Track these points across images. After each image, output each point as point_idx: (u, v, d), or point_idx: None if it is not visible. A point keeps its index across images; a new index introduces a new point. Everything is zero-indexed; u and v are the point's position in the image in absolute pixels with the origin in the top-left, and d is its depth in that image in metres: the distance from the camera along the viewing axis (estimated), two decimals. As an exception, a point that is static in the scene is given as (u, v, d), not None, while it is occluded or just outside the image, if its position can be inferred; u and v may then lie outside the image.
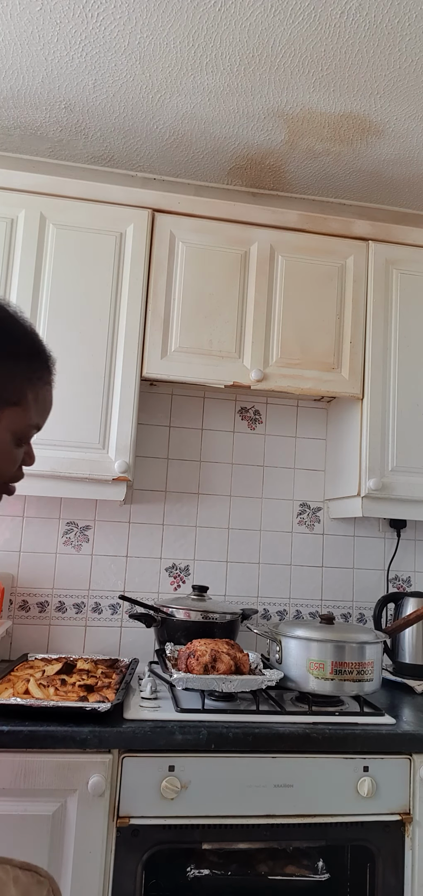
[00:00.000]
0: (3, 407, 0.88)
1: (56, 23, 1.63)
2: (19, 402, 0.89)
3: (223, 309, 1.94)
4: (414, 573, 2.32)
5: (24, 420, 0.90)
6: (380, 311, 2.02)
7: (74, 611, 2.10)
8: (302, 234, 2.01)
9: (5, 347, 0.88)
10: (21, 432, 0.91)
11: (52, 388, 0.96)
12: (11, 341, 0.89)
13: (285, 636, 1.69)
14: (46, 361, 0.95)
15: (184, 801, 1.42)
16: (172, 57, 1.72)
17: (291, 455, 2.30)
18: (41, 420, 0.94)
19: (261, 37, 1.64)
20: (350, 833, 1.50)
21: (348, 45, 1.65)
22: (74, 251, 1.88)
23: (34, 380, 0.92)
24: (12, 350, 0.89)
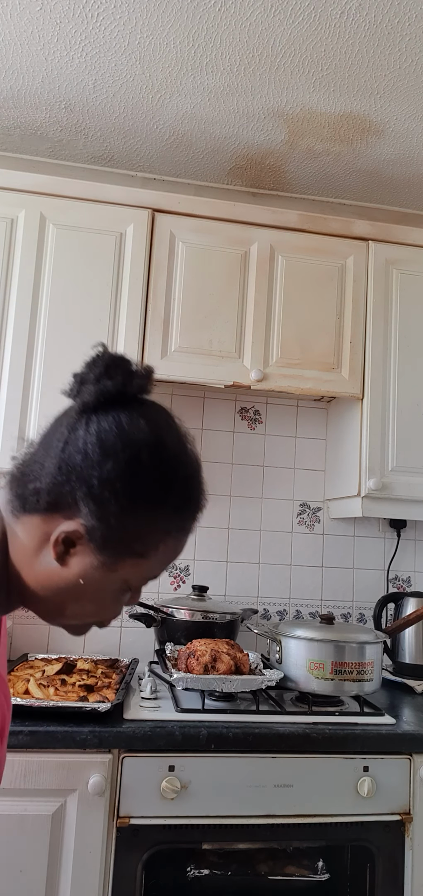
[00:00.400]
0: (127, 557, 0.76)
1: (56, 23, 1.63)
2: (146, 555, 0.77)
3: (223, 309, 1.94)
4: (414, 573, 2.32)
5: (143, 572, 0.79)
6: (380, 311, 2.02)
7: (74, 611, 2.10)
8: (302, 234, 2.01)
9: (155, 495, 0.75)
10: (136, 583, 0.80)
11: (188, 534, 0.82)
12: (165, 488, 0.76)
13: (285, 636, 1.69)
14: (196, 510, 0.80)
15: (184, 801, 1.42)
16: (172, 57, 1.72)
17: (291, 455, 2.30)
18: (163, 569, 0.81)
19: (261, 37, 1.64)
20: (350, 833, 1.50)
21: (348, 45, 1.65)
22: (74, 251, 1.88)
23: (173, 531, 0.78)
24: (162, 499, 0.76)
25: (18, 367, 1.81)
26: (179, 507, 0.78)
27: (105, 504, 0.72)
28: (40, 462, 0.76)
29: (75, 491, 0.73)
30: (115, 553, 0.75)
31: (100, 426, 0.74)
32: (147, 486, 0.74)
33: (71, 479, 0.73)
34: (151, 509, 0.75)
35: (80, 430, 0.75)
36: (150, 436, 0.76)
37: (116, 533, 0.73)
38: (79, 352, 2.02)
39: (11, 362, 1.81)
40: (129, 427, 0.75)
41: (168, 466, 0.76)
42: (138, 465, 0.74)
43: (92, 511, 0.72)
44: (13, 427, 1.79)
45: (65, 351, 1.84)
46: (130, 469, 0.73)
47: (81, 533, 0.73)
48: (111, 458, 0.72)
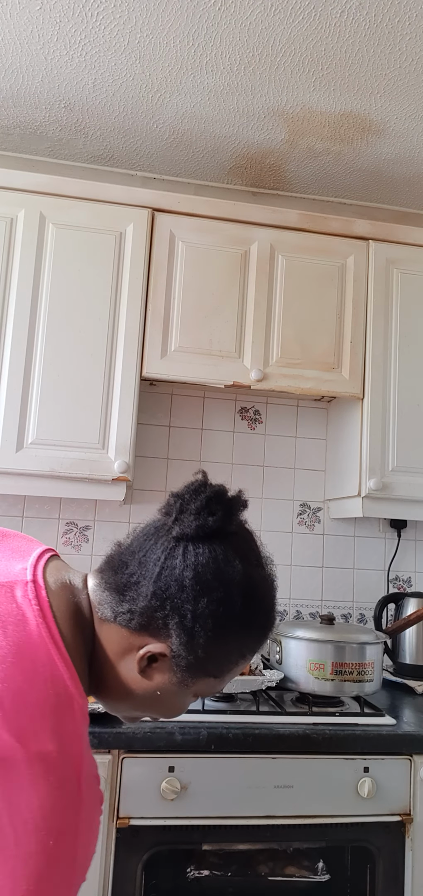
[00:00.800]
0: (203, 677, 0.82)
1: (56, 22, 1.63)
2: (219, 676, 0.84)
3: (223, 309, 1.94)
4: (415, 573, 2.32)
5: (213, 688, 0.86)
6: (380, 311, 2.01)
7: (74, 611, 2.10)
8: (302, 234, 2.01)
9: (240, 631, 0.81)
10: (205, 695, 0.88)
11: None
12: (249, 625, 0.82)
13: (285, 636, 1.68)
14: (267, 635, 0.86)
15: (184, 802, 1.42)
16: (172, 57, 1.72)
17: (291, 455, 2.30)
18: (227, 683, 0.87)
19: (261, 37, 1.63)
20: (350, 834, 1.50)
21: (348, 45, 1.64)
22: (73, 251, 1.88)
23: (247, 654, 0.84)
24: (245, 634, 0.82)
25: (18, 366, 1.81)
26: (257, 637, 0.84)
27: (195, 636, 0.78)
28: (136, 582, 0.80)
29: (168, 618, 0.78)
30: (194, 675, 0.81)
31: (197, 559, 0.79)
32: (234, 623, 0.80)
33: (165, 606, 0.78)
34: (234, 641, 0.81)
35: (177, 559, 0.79)
36: (243, 575, 0.80)
37: (199, 660, 0.79)
38: (78, 351, 2.02)
39: (11, 362, 1.81)
40: (224, 565, 0.80)
41: (255, 605, 0.82)
42: (230, 604, 0.79)
43: (182, 641, 0.78)
44: (12, 427, 1.78)
45: (65, 351, 1.83)
46: (222, 608, 0.78)
47: (166, 654, 0.79)
48: (206, 595, 0.77)
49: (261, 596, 0.83)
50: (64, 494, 1.83)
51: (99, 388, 1.84)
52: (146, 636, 0.80)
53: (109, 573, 0.84)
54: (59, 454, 1.80)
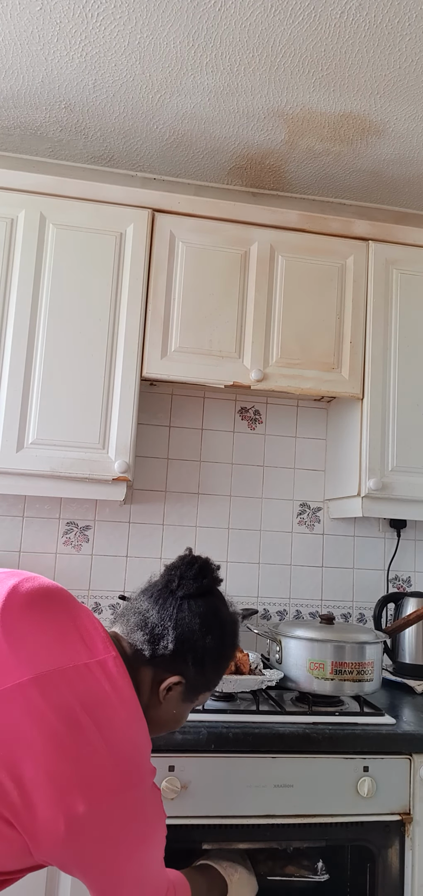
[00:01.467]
0: (204, 692, 1.16)
1: (56, 23, 1.63)
2: (212, 688, 1.18)
3: (223, 309, 1.94)
4: (414, 573, 2.32)
5: (206, 698, 1.19)
6: (380, 311, 2.02)
7: (74, 611, 2.10)
8: (302, 234, 2.01)
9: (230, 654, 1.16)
10: (201, 702, 1.19)
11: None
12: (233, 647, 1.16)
13: (285, 636, 1.69)
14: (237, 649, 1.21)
15: (184, 802, 1.42)
16: (172, 57, 1.72)
17: (291, 455, 2.30)
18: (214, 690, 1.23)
19: (261, 37, 1.64)
20: (350, 833, 1.50)
21: (348, 45, 1.65)
22: (74, 251, 1.88)
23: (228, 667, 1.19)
24: (231, 655, 1.17)
25: (19, 367, 1.81)
26: (232, 657, 1.20)
27: (205, 664, 1.10)
28: (161, 635, 1.08)
29: (187, 655, 1.08)
30: (199, 692, 1.14)
31: (200, 610, 1.10)
32: (228, 650, 1.15)
33: (185, 647, 1.08)
34: (224, 663, 1.16)
35: (185, 612, 1.09)
36: (229, 616, 1.16)
37: (204, 682, 1.13)
38: (79, 351, 2.02)
39: (12, 362, 1.81)
40: (218, 611, 1.13)
41: (234, 635, 1.17)
42: (224, 638, 1.13)
43: (197, 670, 1.09)
44: (13, 427, 1.79)
45: (65, 351, 1.83)
46: (221, 641, 1.12)
47: (182, 682, 1.09)
48: (210, 633, 1.09)
49: (237, 630, 1.18)
50: (64, 494, 1.84)
51: (99, 389, 1.85)
52: (166, 672, 1.08)
53: (135, 630, 1.10)
54: (59, 454, 1.80)
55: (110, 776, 0.90)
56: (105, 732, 0.91)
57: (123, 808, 0.90)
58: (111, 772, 0.90)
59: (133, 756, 0.94)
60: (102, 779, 0.89)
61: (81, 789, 0.86)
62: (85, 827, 0.86)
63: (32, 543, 2.10)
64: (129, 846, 0.91)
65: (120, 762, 0.91)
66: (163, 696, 1.08)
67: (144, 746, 0.98)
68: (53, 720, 0.88)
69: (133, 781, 0.92)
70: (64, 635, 1.00)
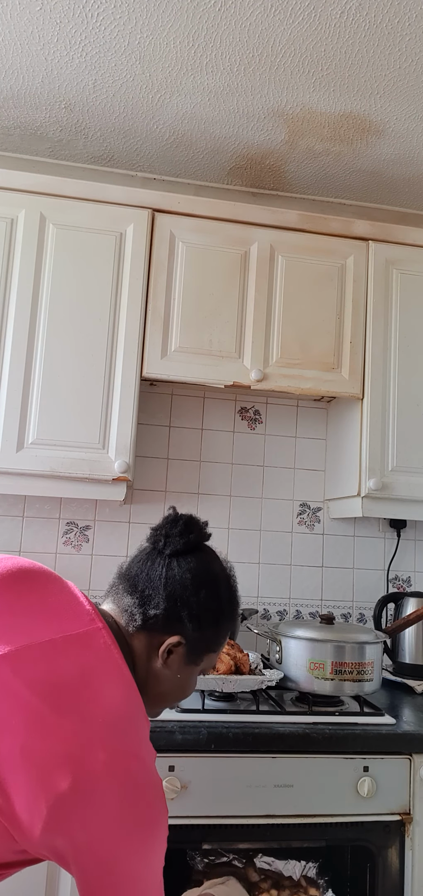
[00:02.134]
0: (207, 653, 1.08)
1: (56, 23, 1.63)
2: (216, 650, 1.10)
3: (223, 309, 1.94)
4: (414, 573, 2.32)
5: (212, 661, 1.11)
6: (380, 311, 2.02)
7: (74, 611, 2.10)
8: (302, 234, 2.01)
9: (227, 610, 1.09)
10: (206, 669, 1.12)
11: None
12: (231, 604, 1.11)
13: (285, 636, 1.69)
14: (238, 617, 1.16)
15: (184, 802, 1.42)
16: (172, 57, 1.72)
17: (291, 455, 2.30)
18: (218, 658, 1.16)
19: (261, 37, 1.64)
20: (350, 833, 1.50)
21: (348, 45, 1.65)
22: (73, 251, 1.88)
23: (229, 632, 1.12)
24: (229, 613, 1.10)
25: (19, 367, 1.81)
26: (234, 617, 1.12)
27: (201, 621, 1.04)
28: (150, 595, 1.03)
29: (181, 612, 1.02)
30: (201, 653, 1.07)
31: (189, 566, 1.05)
32: (226, 606, 1.08)
33: (177, 604, 1.02)
34: (224, 620, 1.08)
35: (174, 570, 1.05)
36: (222, 569, 1.11)
37: (204, 640, 1.05)
38: (79, 351, 2.02)
39: (12, 362, 1.81)
40: (209, 566, 1.09)
41: (232, 591, 1.11)
42: (219, 592, 1.07)
43: (195, 628, 1.03)
44: (13, 427, 1.79)
45: (65, 351, 1.83)
46: (215, 596, 1.06)
47: (182, 642, 1.02)
48: (203, 588, 1.04)
49: (235, 585, 1.12)
50: (64, 494, 1.84)
51: (99, 389, 1.85)
52: (162, 635, 1.02)
53: (124, 595, 1.06)
54: (59, 454, 1.80)
55: (97, 749, 0.82)
56: (90, 705, 0.85)
57: (113, 782, 0.82)
58: (98, 745, 0.83)
59: (123, 728, 0.87)
60: (88, 753, 0.82)
61: (63, 765, 0.80)
62: (70, 806, 0.79)
63: (32, 543, 2.10)
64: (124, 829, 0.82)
65: (107, 735, 0.84)
66: (163, 660, 1.03)
67: (137, 719, 0.90)
68: (28, 696, 0.83)
69: (125, 754, 0.85)
70: (42, 611, 0.95)
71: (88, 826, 0.80)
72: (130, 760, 0.85)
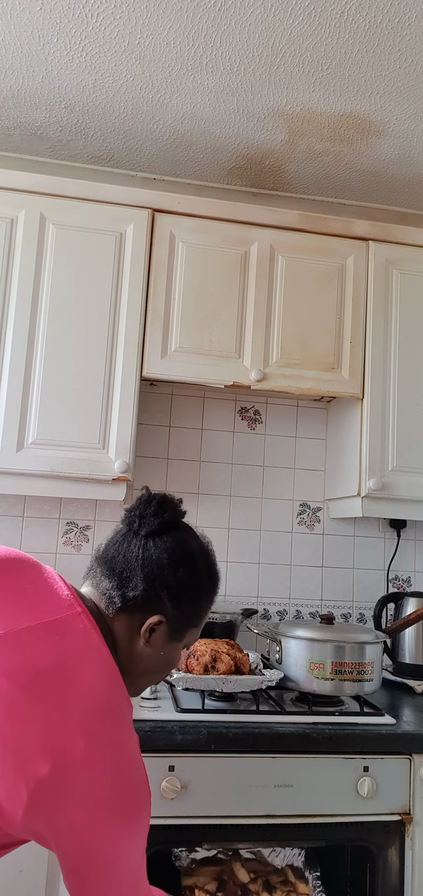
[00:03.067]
0: (188, 629, 1.09)
1: (56, 23, 1.63)
2: (198, 624, 1.12)
3: (223, 309, 1.94)
4: (414, 573, 2.32)
5: (195, 636, 1.13)
6: (380, 311, 2.02)
7: (74, 611, 2.10)
8: (302, 234, 2.01)
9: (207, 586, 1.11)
10: (190, 643, 1.12)
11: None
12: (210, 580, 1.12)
13: (285, 636, 1.69)
14: (218, 590, 1.16)
15: (184, 802, 1.42)
16: (172, 57, 1.72)
17: (291, 455, 2.30)
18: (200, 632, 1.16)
19: (261, 37, 1.64)
20: (350, 833, 1.50)
21: (348, 45, 1.65)
22: (73, 251, 1.88)
23: (210, 606, 1.14)
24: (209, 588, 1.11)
25: (19, 367, 1.81)
26: (214, 591, 1.13)
27: (182, 599, 1.05)
28: (128, 577, 1.04)
29: (161, 592, 1.03)
30: (183, 629, 1.08)
31: (165, 546, 1.06)
32: (205, 582, 1.10)
33: (155, 584, 1.03)
34: (205, 595, 1.10)
35: (151, 550, 1.05)
36: (199, 546, 1.12)
37: (185, 617, 1.07)
38: (79, 351, 2.02)
39: (12, 362, 1.81)
40: (185, 544, 1.09)
41: (211, 567, 1.12)
42: (197, 569, 1.08)
43: (175, 606, 1.04)
44: (13, 427, 1.79)
45: (65, 351, 1.83)
46: (193, 573, 1.07)
47: (163, 621, 1.04)
48: (181, 566, 1.05)
49: (213, 559, 1.13)
50: (64, 494, 1.84)
51: (99, 389, 1.85)
52: (143, 615, 1.03)
53: (102, 579, 1.06)
54: (59, 454, 1.80)
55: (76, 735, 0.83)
56: (69, 692, 0.85)
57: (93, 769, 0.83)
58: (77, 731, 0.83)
59: (103, 714, 0.87)
60: (67, 740, 0.82)
61: (43, 751, 0.81)
62: (50, 791, 0.80)
63: (32, 543, 2.10)
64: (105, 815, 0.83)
65: (87, 721, 0.84)
66: (146, 639, 1.03)
67: (118, 704, 0.90)
68: (5, 685, 0.83)
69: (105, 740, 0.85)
70: (19, 598, 0.95)
71: (68, 811, 0.81)
72: (111, 746, 0.86)
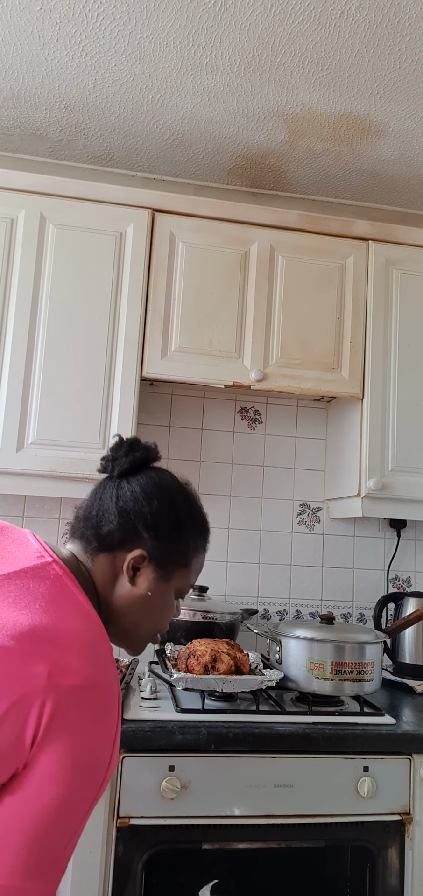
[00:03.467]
0: (176, 568, 1.06)
1: (56, 23, 1.63)
2: (188, 566, 1.09)
3: (223, 309, 1.94)
4: (414, 573, 2.32)
5: (187, 580, 1.10)
6: (380, 311, 2.02)
7: (74, 611, 2.10)
8: (302, 234, 2.01)
9: (187, 522, 1.08)
10: (182, 590, 1.10)
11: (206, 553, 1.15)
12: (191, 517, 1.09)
13: (285, 636, 1.68)
14: (208, 534, 1.14)
15: (184, 802, 1.42)
16: (172, 57, 1.72)
17: (291, 455, 2.30)
18: (195, 580, 1.13)
19: (261, 37, 1.64)
20: (350, 833, 1.50)
21: (348, 45, 1.65)
22: (73, 251, 1.88)
23: (199, 549, 1.11)
24: (191, 525, 1.09)
25: (19, 367, 1.81)
26: (200, 531, 1.11)
27: (159, 529, 1.03)
28: (103, 516, 1.03)
29: (136, 524, 1.02)
30: (168, 567, 1.05)
31: (139, 481, 1.06)
32: (184, 516, 1.07)
33: (131, 517, 1.02)
34: (186, 532, 1.07)
35: (124, 488, 1.06)
36: (176, 483, 1.10)
37: (167, 551, 1.04)
38: (79, 351, 2.02)
39: (12, 362, 1.81)
40: (160, 479, 1.08)
41: (191, 503, 1.10)
42: (174, 502, 1.07)
43: (150, 536, 1.02)
44: (13, 427, 1.79)
45: (65, 351, 1.83)
46: (170, 505, 1.05)
47: (144, 556, 1.02)
48: (155, 498, 1.04)
49: (193, 496, 1.12)
50: (64, 494, 1.84)
51: (99, 389, 1.85)
52: (123, 553, 1.02)
53: (80, 526, 1.06)
54: (59, 454, 1.80)
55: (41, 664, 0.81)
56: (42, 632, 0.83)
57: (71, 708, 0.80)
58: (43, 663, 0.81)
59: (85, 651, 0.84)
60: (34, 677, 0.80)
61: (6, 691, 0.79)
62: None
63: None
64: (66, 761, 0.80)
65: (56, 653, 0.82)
66: (130, 577, 1.02)
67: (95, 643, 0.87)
68: None
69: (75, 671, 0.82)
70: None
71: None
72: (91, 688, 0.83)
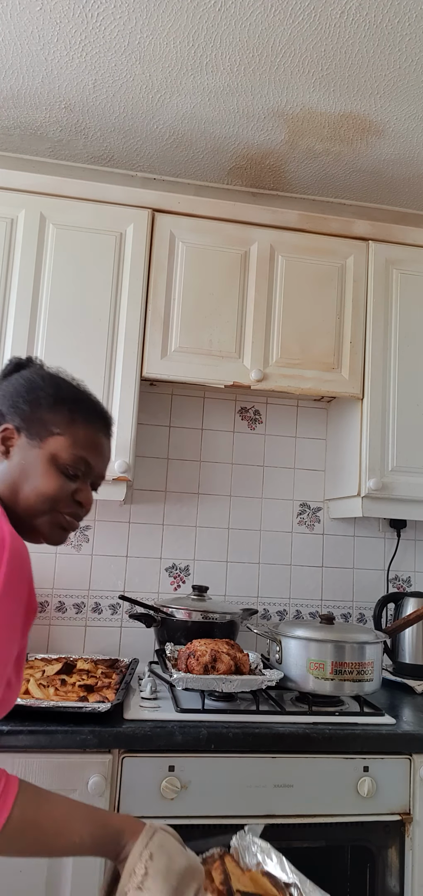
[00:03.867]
0: (47, 436, 1.07)
1: (56, 23, 1.63)
2: (63, 434, 1.07)
3: (223, 309, 1.94)
4: (414, 573, 2.32)
5: (67, 448, 1.07)
6: (380, 311, 2.02)
7: (74, 611, 2.10)
8: (302, 234, 2.01)
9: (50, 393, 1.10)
10: (66, 460, 1.07)
11: (106, 439, 1.16)
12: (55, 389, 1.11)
13: (285, 636, 1.69)
14: (94, 407, 1.15)
15: (184, 802, 1.42)
16: (172, 57, 1.72)
17: (291, 455, 2.30)
18: (91, 457, 1.10)
19: (261, 37, 1.64)
20: (350, 833, 1.50)
21: (348, 45, 1.65)
22: (73, 251, 1.88)
23: (80, 421, 1.10)
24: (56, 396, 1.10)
25: (18, 367, 1.81)
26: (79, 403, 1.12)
27: (16, 402, 1.08)
28: None
29: (1, 409, 1.08)
30: (37, 434, 1.07)
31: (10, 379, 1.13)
32: (46, 387, 1.10)
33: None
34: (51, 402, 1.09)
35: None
36: (37, 367, 1.17)
37: (31, 421, 1.07)
38: (79, 351, 2.02)
39: (11, 362, 1.81)
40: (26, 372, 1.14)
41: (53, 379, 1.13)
42: (31, 375, 1.12)
43: (11, 412, 1.07)
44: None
45: (65, 351, 1.83)
46: (28, 383, 1.10)
47: (11, 429, 1.07)
48: (20, 378, 1.11)
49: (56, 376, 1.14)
50: (64, 494, 1.83)
51: (99, 388, 1.85)
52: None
53: None
54: (59, 454, 1.80)
55: None
56: None
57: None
58: None
59: None
60: None
61: None
62: None
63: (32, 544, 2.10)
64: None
65: None
66: (2, 452, 1.07)
67: None
68: None
69: None
70: None
71: None
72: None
